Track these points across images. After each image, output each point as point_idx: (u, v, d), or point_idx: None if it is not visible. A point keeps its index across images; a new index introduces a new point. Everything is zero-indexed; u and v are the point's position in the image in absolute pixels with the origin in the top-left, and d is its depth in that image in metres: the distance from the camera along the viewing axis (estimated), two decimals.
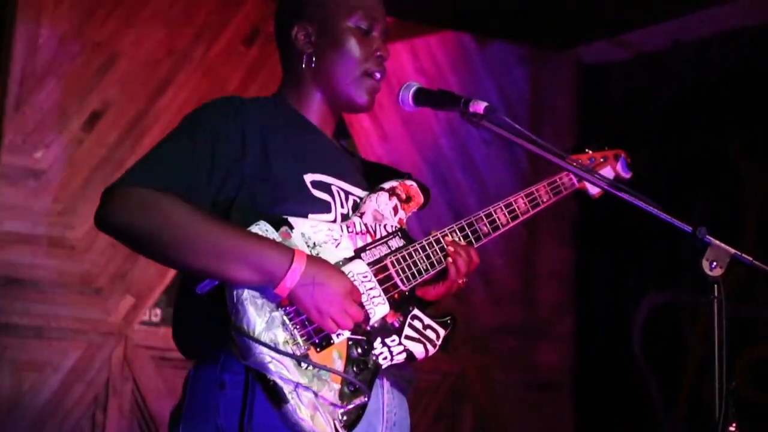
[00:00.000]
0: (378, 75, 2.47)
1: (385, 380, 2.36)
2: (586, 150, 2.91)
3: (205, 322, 2.23)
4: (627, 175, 2.92)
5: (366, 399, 2.21)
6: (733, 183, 5.46)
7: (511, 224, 2.61)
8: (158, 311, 5.12)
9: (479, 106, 2.34)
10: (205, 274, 2.18)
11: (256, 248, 2.15)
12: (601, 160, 2.90)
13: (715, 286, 2.14)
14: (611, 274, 6.07)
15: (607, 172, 2.89)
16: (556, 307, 6.16)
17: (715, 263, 2.15)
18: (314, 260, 2.18)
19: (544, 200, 2.69)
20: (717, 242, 2.17)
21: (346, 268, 2.26)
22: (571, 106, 6.35)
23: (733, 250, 2.17)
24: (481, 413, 5.87)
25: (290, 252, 2.15)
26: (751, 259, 2.19)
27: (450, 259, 2.41)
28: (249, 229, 2.20)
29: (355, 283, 2.24)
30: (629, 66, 6.16)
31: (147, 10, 5.23)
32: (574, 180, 2.77)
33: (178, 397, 2.39)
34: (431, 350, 2.38)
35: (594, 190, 2.83)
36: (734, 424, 2.09)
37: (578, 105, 6.37)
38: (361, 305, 2.23)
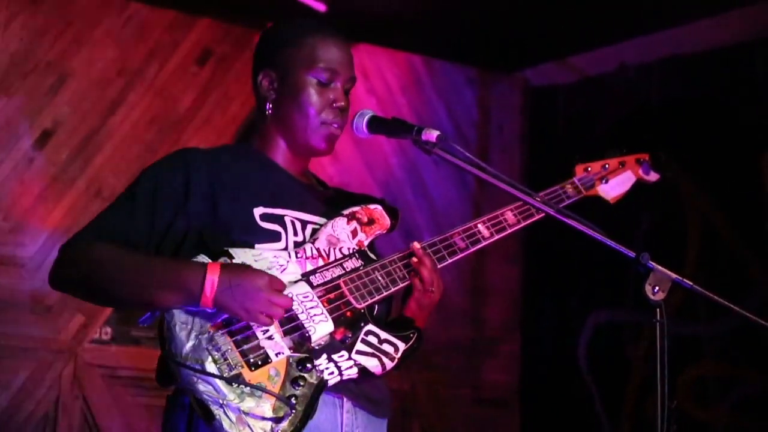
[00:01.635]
0: (335, 125, 2.54)
1: (345, 400, 2.41)
2: (604, 156, 2.88)
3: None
4: (653, 178, 2.90)
5: (291, 412, 2.25)
6: (674, 204, 5.58)
7: (496, 237, 2.62)
8: (109, 329, 5.12)
9: (432, 135, 2.38)
10: (139, 305, 2.34)
11: (172, 270, 2.28)
12: (619, 165, 2.88)
13: (658, 309, 2.20)
14: (557, 292, 6.16)
15: (627, 177, 2.88)
16: (503, 325, 6.24)
17: (657, 288, 2.21)
18: (228, 266, 2.28)
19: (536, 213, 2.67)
20: (659, 268, 2.23)
21: (286, 291, 2.33)
22: (518, 127, 6.46)
23: (674, 276, 2.22)
24: (428, 429, 5.92)
25: (203, 265, 2.26)
26: (691, 283, 2.25)
27: (413, 272, 2.47)
28: (177, 259, 2.34)
29: (294, 303, 2.32)
30: (575, 88, 6.28)
31: (99, 29, 5.25)
32: (581, 188, 2.81)
33: (127, 415, 2.51)
34: (389, 364, 2.42)
35: (609, 195, 2.84)
36: None
37: (525, 126, 6.48)
38: (292, 328, 2.30)
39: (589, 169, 2.86)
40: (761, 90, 5.29)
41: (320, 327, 2.33)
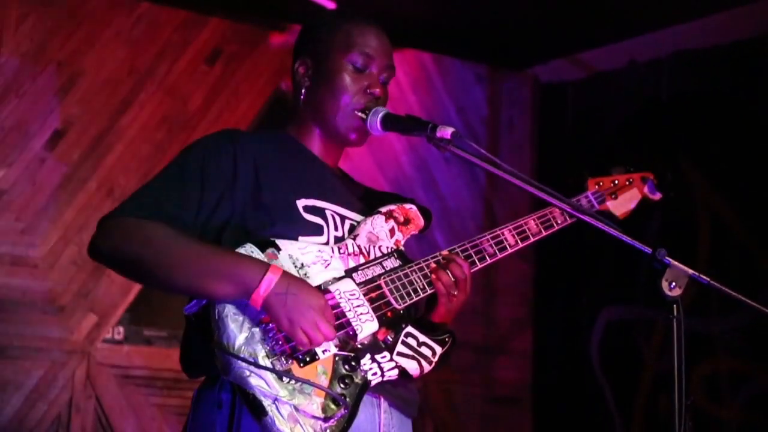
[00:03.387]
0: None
1: (382, 400, 2.40)
2: (611, 172, 2.94)
3: (202, 344, 2.28)
4: (656, 197, 2.96)
5: (345, 411, 2.24)
6: (686, 200, 5.57)
7: (521, 245, 2.63)
8: (121, 329, 5.12)
9: (446, 132, 2.36)
10: (189, 292, 2.29)
11: (231, 262, 2.23)
12: (627, 182, 2.94)
13: (674, 305, 2.19)
14: (568, 290, 6.14)
15: (633, 194, 2.93)
16: (515, 323, 6.23)
17: (674, 284, 2.19)
18: (290, 275, 2.25)
19: (559, 222, 2.70)
20: (676, 263, 2.21)
21: (333, 287, 2.32)
22: (528, 124, 6.45)
23: (691, 271, 2.21)
24: (441, 428, 5.92)
25: (265, 264, 2.22)
26: (708, 279, 2.24)
27: (434, 276, 2.45)
28: (235, 251, 2.28)
29: (341, 300, 2.30)
30: (585, 85, 6.27)
31: (109, 29, 5.25)
32: (595, 203, 2.85)
33: (140, 415, 2.43)
34: (427, 367, 2.41)
35: (618, 212, 2.90)
36: None
37: (535, 123, 6.46)
38: (338, 326, 2.27)
39: (601, 183, 2.92)
40: None
41: (366, 326, 2.32)
